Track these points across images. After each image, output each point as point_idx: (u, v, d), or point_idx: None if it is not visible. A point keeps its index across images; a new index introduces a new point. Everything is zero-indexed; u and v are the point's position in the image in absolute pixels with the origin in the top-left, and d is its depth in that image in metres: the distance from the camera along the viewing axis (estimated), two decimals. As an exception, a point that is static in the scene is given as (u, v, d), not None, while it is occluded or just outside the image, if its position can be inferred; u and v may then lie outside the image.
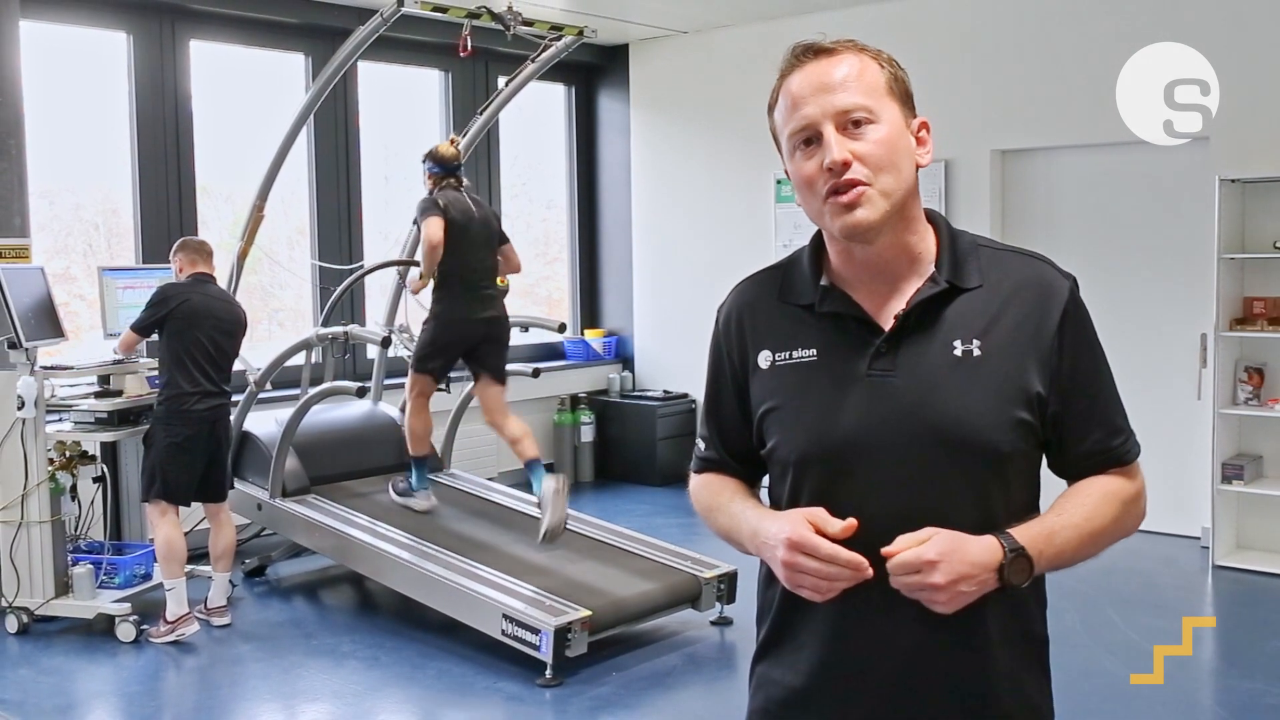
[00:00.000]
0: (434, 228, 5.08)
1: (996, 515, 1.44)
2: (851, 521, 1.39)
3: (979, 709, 1.47)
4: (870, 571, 1.37)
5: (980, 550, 1.37)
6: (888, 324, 1.47)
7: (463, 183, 5.36)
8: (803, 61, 1.47)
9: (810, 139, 1.45)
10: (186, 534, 5.06)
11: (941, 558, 1.34)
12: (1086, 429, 1.49)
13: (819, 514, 1.41)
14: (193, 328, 4.93)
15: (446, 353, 5.36)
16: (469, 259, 5.22)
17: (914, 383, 1.44)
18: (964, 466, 1.44)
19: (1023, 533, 1.41)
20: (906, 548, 1.36)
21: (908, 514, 1.42)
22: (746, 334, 1.57)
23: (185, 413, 4.91)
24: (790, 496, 1.52)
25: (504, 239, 5.49)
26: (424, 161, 5.33)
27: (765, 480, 1.64)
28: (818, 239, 1.56)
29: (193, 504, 5.15)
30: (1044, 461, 1.54)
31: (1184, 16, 5.70)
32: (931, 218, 1.54)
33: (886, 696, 1.47)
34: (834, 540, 1.38)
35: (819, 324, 1.51)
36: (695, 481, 1.70)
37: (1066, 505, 1.48)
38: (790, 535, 1.39)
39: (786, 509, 1.51)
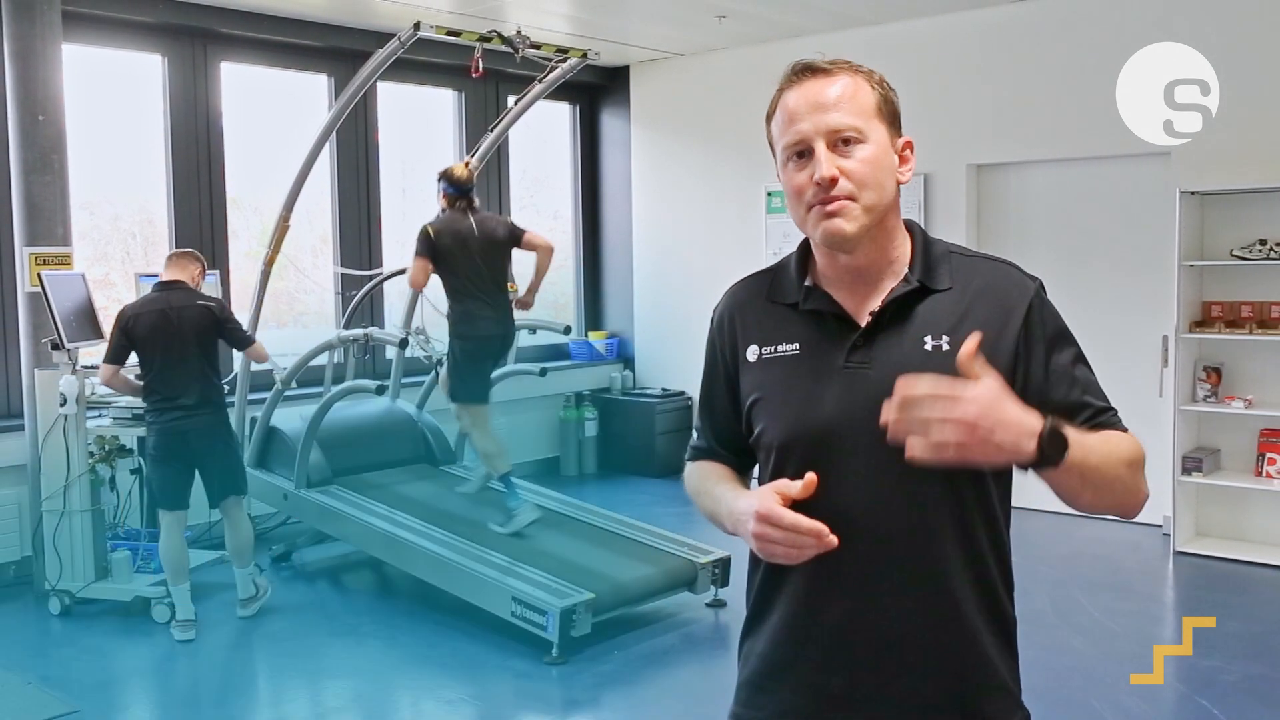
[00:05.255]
0: (415, 272, 5.12)
1: (966, 500, 1.44)
2: (811, 477, 1.39)
3: (953, 683, 1.46)
4: (834, 540, 1.36)
5: (1021, 411, 1.27)
6: (864, 321, 1.49)
7: (473, 203, 5.28)
8: (801, 79, 1.48)
9: (803, 152, 1.46)
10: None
11: (978, 399, 1.25)
12: (1074, 410, 1.44)
13: (782, 483, 1.41)
14: (149, 344, 4.69)
15: (478, 371, 5.30)
16: (472, 276, 5.19)
17: (887, 374, 1.42)
18: None
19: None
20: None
21: (880, 496, 1.43)
22: (738, 331, 1.59)
23: (154, 424, 4.71)
24: (773, 478, 1.52)
25: (517, 237, 5.44)
26: (439, 181, 5.30)
27: (755, 471, 1.63)
28: (805, 245, 1.57)
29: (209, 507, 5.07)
30: None
31: (1146, 40, 5.69)
32: (909, 227, 1.55)
33: (863, 669, 1.46)
34: (796, 500, 1.37)
35: (802, 320, 1.53)
36: (688, 469, 1.72)
37: (1088, 433, 1.38)
38: (758, 508, 1.39)
39: None
